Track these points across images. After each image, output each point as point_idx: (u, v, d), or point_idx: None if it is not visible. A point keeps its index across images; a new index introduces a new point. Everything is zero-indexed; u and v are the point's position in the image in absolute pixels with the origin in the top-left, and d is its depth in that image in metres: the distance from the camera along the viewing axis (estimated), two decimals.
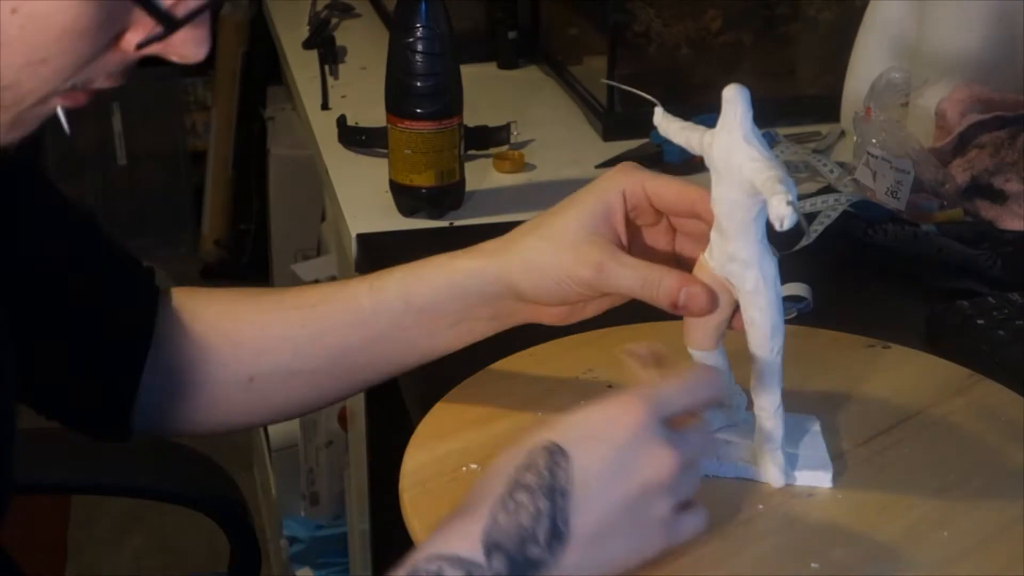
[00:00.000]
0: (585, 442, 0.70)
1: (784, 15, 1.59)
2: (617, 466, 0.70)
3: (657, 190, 0.84)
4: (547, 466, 0.69)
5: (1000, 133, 1.27)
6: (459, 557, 0.67)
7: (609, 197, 0.84)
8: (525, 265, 0.85)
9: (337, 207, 1.42)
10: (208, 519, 1.27)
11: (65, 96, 0.66)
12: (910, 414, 0.90)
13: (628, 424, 0.71)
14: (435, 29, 1.30)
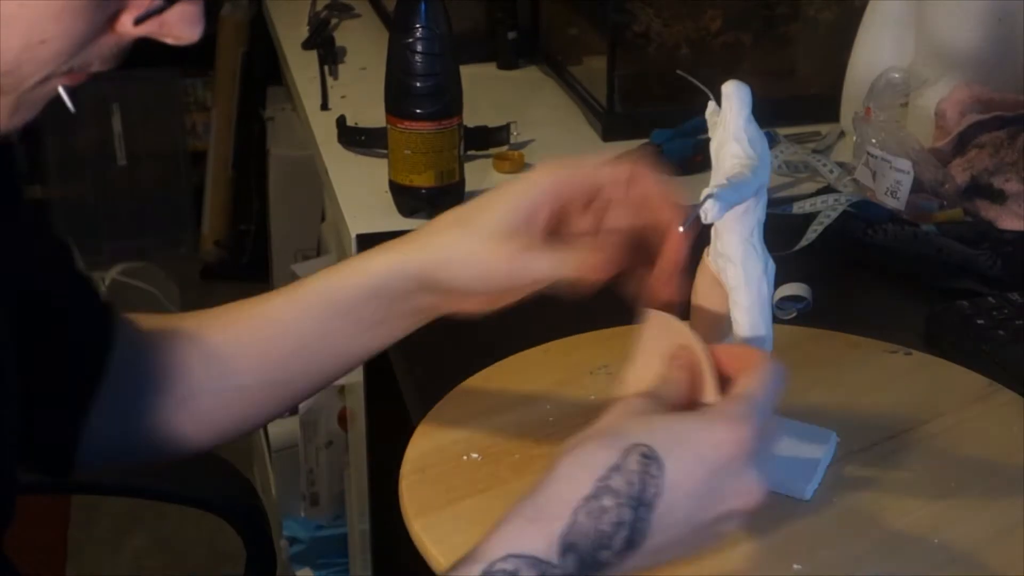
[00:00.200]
0: (682, 456, 0.67)
1: (784, 15, 1.60)
2: (707, 490, 0.68)
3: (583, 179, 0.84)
4: (639, 473, 0.66)
5: (1000, 133, 1.27)
6: (536, 558, 0.65)
7: (532, 192, 0.84)
8: (446, 258, 0.85)
9: (337, 207, 1.42)
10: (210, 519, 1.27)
11: (63, 76, 0.66)
12: (920, 421, 0.89)
13: (731, 452, 0.68)
14: (435, 29, 1.30)
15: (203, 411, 0.92)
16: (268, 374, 0.91)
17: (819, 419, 0.89)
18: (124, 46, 0.67)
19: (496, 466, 0.85)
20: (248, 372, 0.91)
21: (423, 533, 0.79)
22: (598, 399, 0.92)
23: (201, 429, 0.93)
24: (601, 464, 0.67)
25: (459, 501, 0.81)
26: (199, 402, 0.91)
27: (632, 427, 0.69)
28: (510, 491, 0.82)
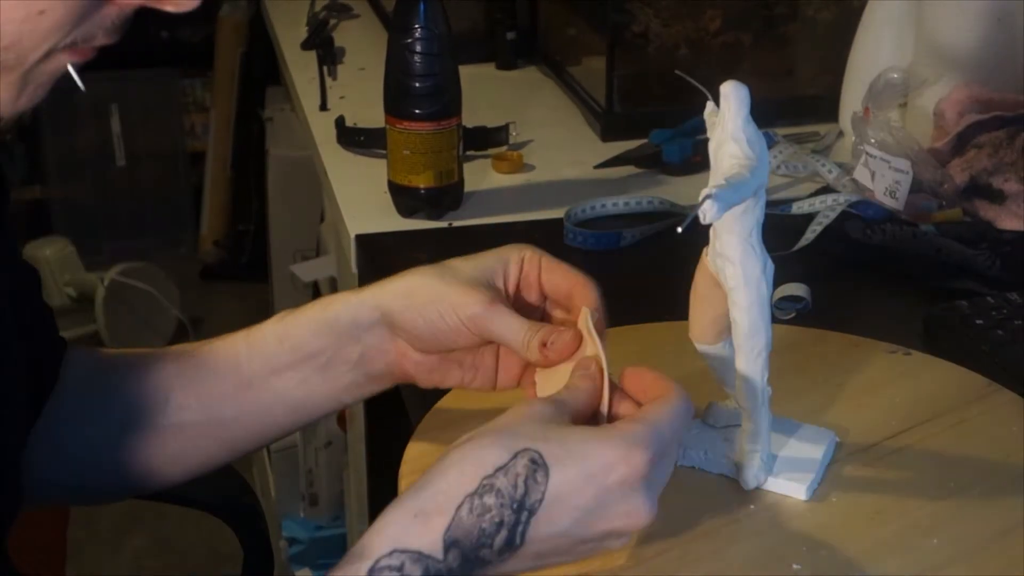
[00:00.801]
0: (571, 469, 0.68)
1: (783, 15, 1.60)
2: (592, 508, 0.68)
3: (551, 265, 0.85)
4: (525, 477, 0.67)
5: (999, 133, 1.27)
6: (421, 553, 0.66)
7: (508, 260, 0.85)
8: (406, 291, 0.84)
9: (336, 208, 1.42)
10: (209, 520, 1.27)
11: (69, 52, 0.65)
12: (921, 420, 0.89)
13: (622, 474, 0.68)
14: (433, 30, 1.30)
15: (138, 448, 0.89)
16: (200, 414, 0.88)
17: (818, 419, 0.89)
18: (126, 16, 0.67)
19: None
20: (177, 410, 0.88)
21: None
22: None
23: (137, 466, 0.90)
24: (490, 462, 0.67)
25: None
26: (134, 439, 0.89)
27: (527, 430, 0.69)
28: None
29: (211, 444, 0.90)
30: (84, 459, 0.90)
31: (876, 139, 1.28)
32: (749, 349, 0.79)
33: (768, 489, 0.82)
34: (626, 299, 1.19)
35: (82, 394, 0.90)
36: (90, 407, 0.89)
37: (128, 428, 0.89)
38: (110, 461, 0.90)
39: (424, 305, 0.83)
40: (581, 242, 1.27)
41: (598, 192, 1.39)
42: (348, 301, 0.86)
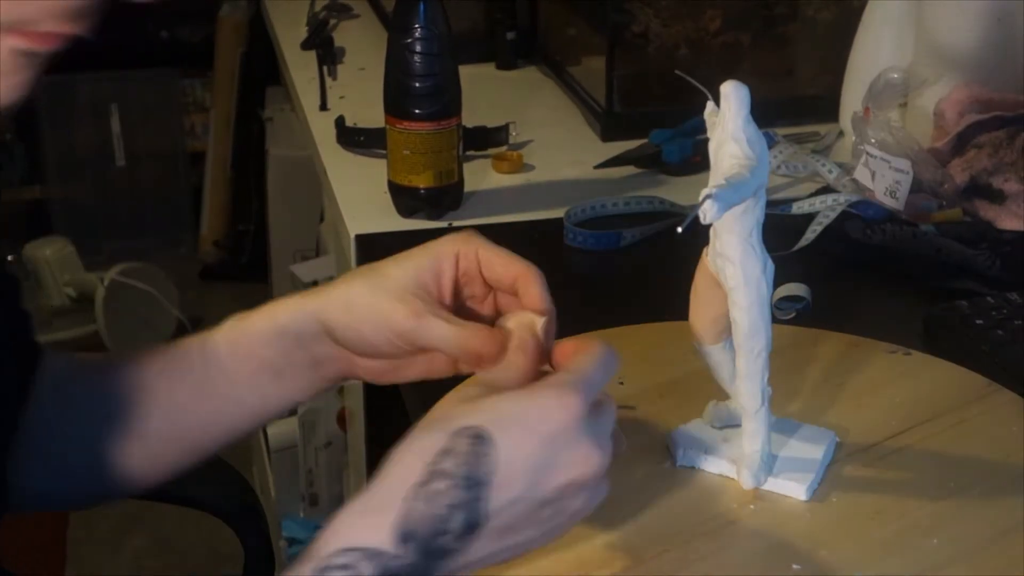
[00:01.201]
0: (511, 430, 0.67)
1: (783, 15, 1.60)
2: (542, 461, 0.67)
3: (488, 258, 0.83)
4: (469, 453, 0.66)
5: (999, 133, 1.27)
6: (373, 549, 0.65)
7: (442, 258, 0.83)
8: (344, 305, 0.83)
9: (336, 208, 1.42)
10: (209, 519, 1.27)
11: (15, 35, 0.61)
12: (921, 421, 0.89)
13: (560, 419, 0.68)
14: (433, 29, 1.30)
15: (110, 454, 0.88)
16: (163, 421, 0.88)
17: (818, 419, 0.89)
18: (81, 4, 0.63)
19: None
20: (141, 418, 0.88)
21: None
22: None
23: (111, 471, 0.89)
24: (430, 449, 0.67)
25: None
26: (105, 445, 0.88)
27: (460, 411, 0.69)
28: None
29: (177, 449, 0.90)
30: (58, 466, 0.90)
31: (876, 139, 1.28)
32: (749, 349, 0.79)
33: (768, 489, 0.82)
34: (626, 299, 1.20)
35: (55, 401, 0.89)
36: (62, 414, 0.89)
37: (99, 435, 0.88)
38: (84, 466, 0.89)
39: (360, 321, 0.82)
40: (581, 242, 1.27)
41: (598, 192, 1.39)
42: (294, 312, 0.85)
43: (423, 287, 0.82)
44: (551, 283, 1.22)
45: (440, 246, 0.84)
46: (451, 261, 0.83)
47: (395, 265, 0.84)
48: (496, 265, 0.83)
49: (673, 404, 0.91)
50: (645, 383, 0.94)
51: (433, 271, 0.83)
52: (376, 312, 0.81)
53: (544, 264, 1.26)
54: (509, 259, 0.83)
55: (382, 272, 0.83)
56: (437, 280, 0.83)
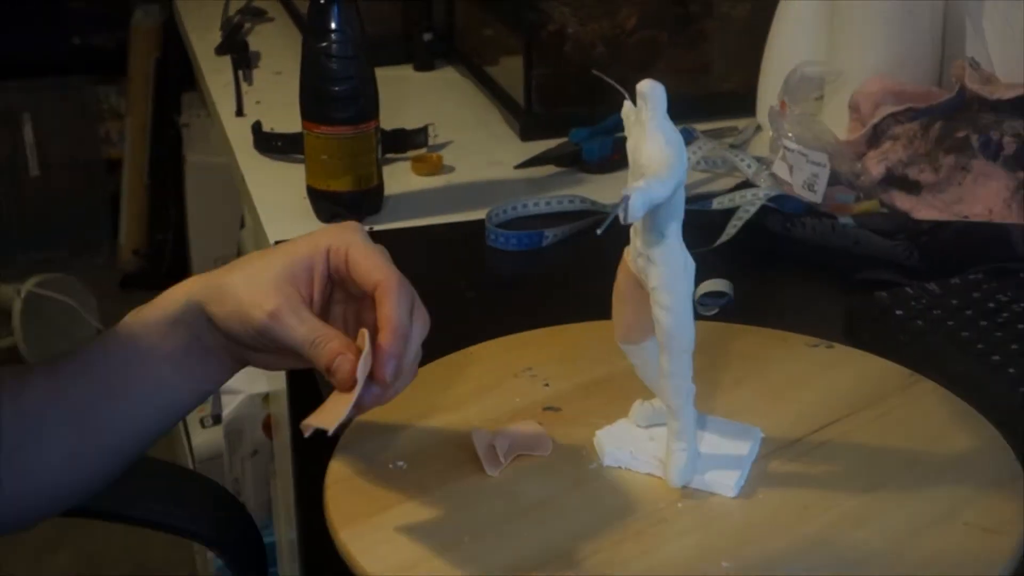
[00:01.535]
0: None
1: (697, 12, 1.60)
2: None
3: (354, 257, 0.81)
4: None
5: (912, 124, 1.28)
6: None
7: (315, 252, 0.82)
8: (221, 294, 0.82)
9: (255, 214, 1.40)
10: (135, 535, 1.25)
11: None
12: (845, 413, 0.90)
13: None
14: (348, 32, 1.28)
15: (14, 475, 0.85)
16: (77, 426, 0.86)
17: (743, 415, 0.89)
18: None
19: (422, 473, 0.84)
20: (55, 425, 0.86)
21: (349, 543, 0.78)
22: (522, 402, 0.91)
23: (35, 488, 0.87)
24: None
25: (386, 510, 0.81)
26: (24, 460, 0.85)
27: None
28: (436, 499, 0.82)
29: (97, 454, 0.88)
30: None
31: (793, 133, 1.29)
32: (673, 347, 0.79)
33: (695, 487, 0.82)
34: (550, 299, 1.19)
35: None
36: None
37: (12, 450, 0.85)
38: (2, 488, 0.86)
39: (229, 314, 0.82)
40: (503, 243, 1.27)
41: (519, 192, 1.38)
42: (183, 303, 0.84)
43: (293, 281, 0.81)
44: (474, 285, 1.23)
45: (317, 238, 0.83)
46: (324, 255, 0.82)
47: (275, 254, 0.83)
48: (360, 268, 0.81)
49: (599, 404, 0.91)
50: (570, 384, 0.94)
51: (306, 265, 0.82)
52: (239, 305, 0.81)
53: (466, 266, 1.26)
54: (374, 264, 0.81)
55: (260, 262, 0.82)
56: (309, 274, 0.82)
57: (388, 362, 0.78)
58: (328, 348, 0.78)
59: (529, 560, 0.76)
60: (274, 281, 0.81)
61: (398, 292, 0.80)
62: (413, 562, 0.76)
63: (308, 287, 0.82)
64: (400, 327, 0.79)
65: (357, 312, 0.85)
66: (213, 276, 0.84)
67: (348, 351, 0.78)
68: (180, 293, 0.85)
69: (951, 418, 0.89)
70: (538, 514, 0.80)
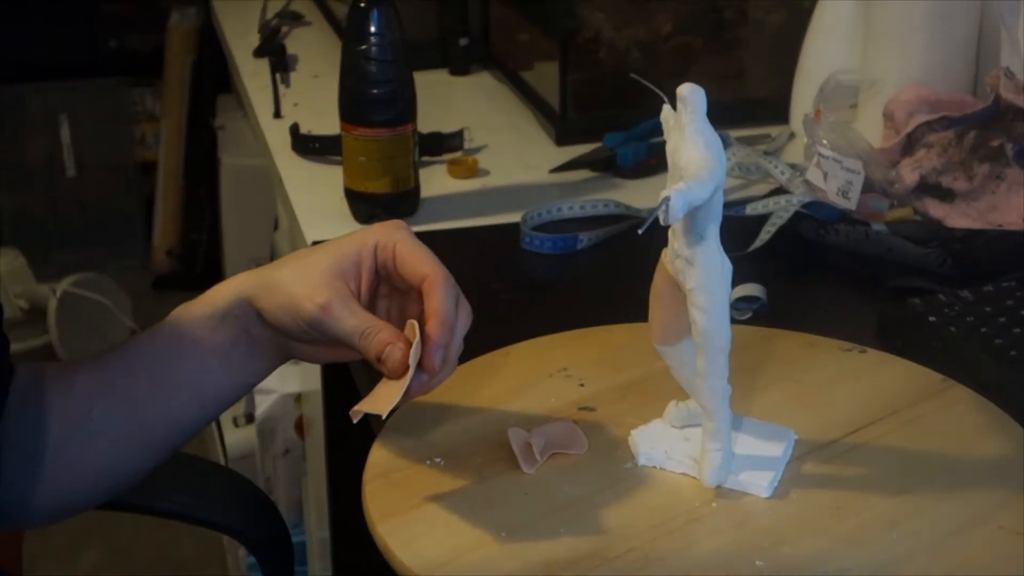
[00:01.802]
0: None
1: (732, 19, 1.61)
2: None
3: (402, 253, 0.84)
4: None
5: (947, 133, 1.29)
6: None
7: (363, 248, 0.85)
8: (271, 289, 0.85)
9: (292, 215, 1.42)
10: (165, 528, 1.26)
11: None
12: (878, 417, 0.90)
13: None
14: (388, 36, 1.30)
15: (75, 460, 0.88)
16: (124, 417, 0.88)
17: (777, 417, 0.90)
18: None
19: (459, 470, 0.85)
20: (103, 416, 0.88)
21: (388, 537, 0.79)
22: (558, 402, 0.93)
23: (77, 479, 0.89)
24: None
25: (423, 505, 0.82)
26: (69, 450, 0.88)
27: None
28: (473, 495, 0.83)
29: (140, 446, 0.90)
30: (22, 480, 0.88)
31: (828, 140, 1.30)
32: (708, 349, 0.80)
33: (730, 487, 0.83)
34: (585, 302, 1.20)
35: (18, 414, 0.89)
36: (25, 424, 0.88)
37: (62, 441, 0.88)
38: (50, 478, 0.88)
39: (279, 307, 0.84)
40: (538, 246, 1.28)
41: (554, 196, 1.39)
42: (231, 297, 0.87)
43: (342, 276, 0.84)
44: (509, 287, 1.24)
45: (364, 235, 0.86)
46: (370, 254, 0.85)
47: (323, 251, 0.85)
48: (408, 263, 0.84)
49: (634, 405, 0.92)
50: (606, 384, 0.95)
51: (354, 260, 0.84)
52: (291, 298, 0.83)
53: (501, 268, 1.27)
54: (421, 259, 0.84)
55: (309, 258, 0.85)
56: (357, 270, 0.85)
57: (436, 351, 0.81)
58: (379, 338, 0.81)
59: (564, 556, 0.77)
60: (324, 275, 0.83)
61: (445, 285, 0.82)
62: (450, 557, 0.77)
63: (356, 281, 0.85)
64: (448, 318, 0.82)
65: (401, 306, 0.88)
66: (263, 272, 0.87)
67: (398, 341, 0.81)
68: (229, 289, 0.87)
69: (984, 423, 0.90)
70: (573, 512, 0.81)
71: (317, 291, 0.83)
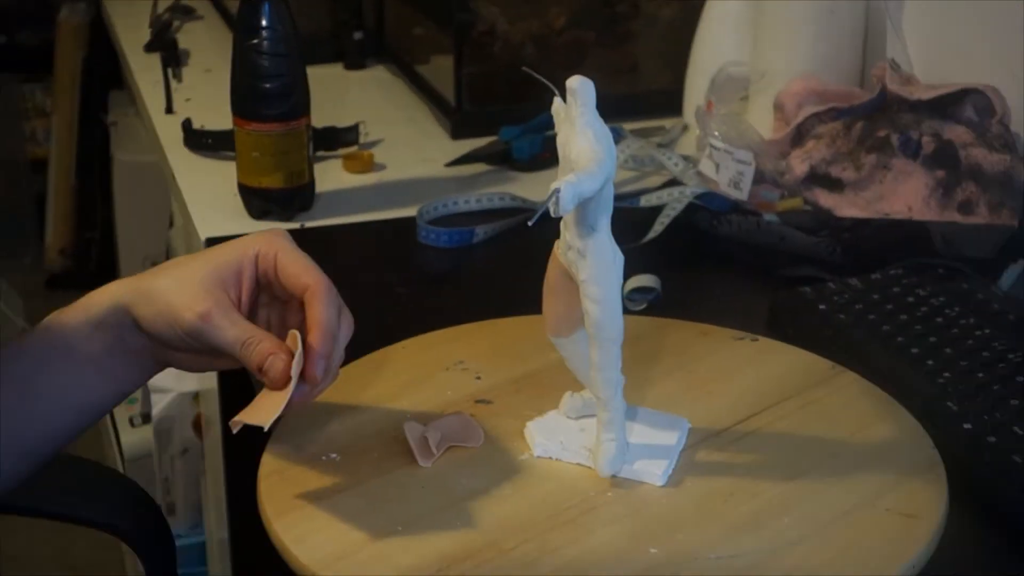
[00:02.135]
0: None
1: (625, 13, 1.62)
2: None
3: (283, 262, 0.84)
4: None
5: (835, 124, 1.31)
6: None
7: (244, 257, 0.84)
8: (148, 297, 0.83)
9: (185, 211, 1.40)
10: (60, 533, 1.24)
11: None
12: (770, 404, 0.92)
13: None
14: (279, 30, 1.29)
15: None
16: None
17: (671, 406, 0.91)
18: None
19: (355, 465, 0.85)
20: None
21: (283, 534, 0.79)
22: (454, 395, 0.93)
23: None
24: None
25: (319, 501, 0.81)
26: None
27: None
28: (370, 489, 0.83)
29: (13, 455, 0.86)
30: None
31: (719, 132, 1.31)
32: (602, 340, 0.81)
33: (624, 476, 0.84)
34: (480, 295, 1.21)
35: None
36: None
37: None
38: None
39: (157, 315, 0.83)
40: (434, 240, 1.28)
41: (449, 190, 1.40)
42: (107, 305, 0.85)
43: (222, 285, 0.83)
44: (405, 280, 1.23)
45: (245, 244, 0.85)
46: (252, 260, 0.84)
47: (202, 259, 0.84)
48: (289, 272, 0.83)
49: (529, 397, 0.92)
50: (501, 377, 0.95)
51: (235, 269, 0.83)
52: (168, 307, 0.82)
53: (397, 262, 1.27)
54: (303, 268, 0.83)
55: (189, 266, 0.84)
56: (238, 278, 0.84)
57: (319, 362, 0.80)
58: (260, 348, 0.80)
59: (460, 549, 0.77)
60: (203, 284, 0.82)
61: (327, 295, 0.82)
62: (347, 552, 0.77)
63: (237, 290, 0.84)
64: (330, 329, 0.81)
65: (282, 315, 0.87)
66: (140, 279, 0.85)
67: (280, 351, 0.80)
68: (105, 296, 0.85)
69: (872, 408, 0.92)
70: (470, 504, 0.81)
71: (197, 300, 0.82)
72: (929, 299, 1.07)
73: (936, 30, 1.38)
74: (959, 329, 1.02)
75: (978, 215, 1.24)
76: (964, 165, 1.24)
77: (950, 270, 1.14)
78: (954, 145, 1.24)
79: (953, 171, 1.24)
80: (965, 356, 0.98)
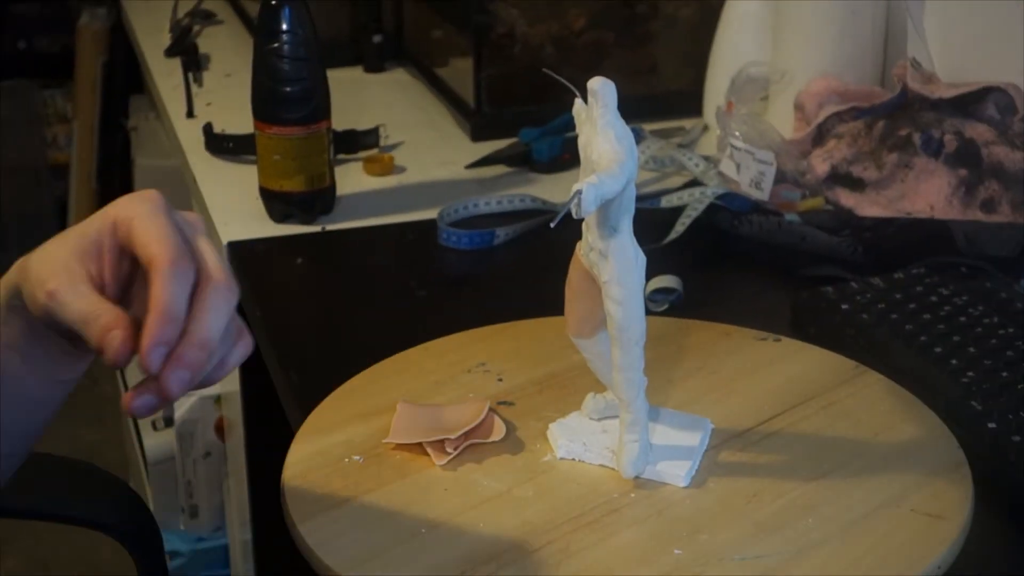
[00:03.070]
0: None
1: (644, 13, 1.62)
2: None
3: (137, 230, 0.71)
4: None
5: (856, 123, 1.31)
6: None
7: (103, 225, 0.73)
8: (25, 274, 0.73)
9: (207, 215, 1.41)
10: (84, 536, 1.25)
11: None
12: (793, 404, 0.91)
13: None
14: (299, 33, 1.29)
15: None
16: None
17: (694, 407, 0.91)
18: None
19: (379, 467, 0.85)
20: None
21: (308, 537, 0.79)
22: (476, 396, 0.93)
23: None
24: None
25: (343, 504, 0.82)
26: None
27: None
28: (393, 492, 0.83)
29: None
30: None
31: (740, 132, 1.31)
32: (624, 341, 0.81)
33: (648, 477, 0.84)
34: (501, 296, 1.21)
35: None
36: None
37: None
38: None
39: (28, 295, 0.73)
40: (455, 242, 1.28)
41: (470, 192, 1.40)
42: (9, 285, 0.75)
43: (82, 258, 0.72)
44: (426, 283, 1.23)
45: (106, 212, 0.73)
46: (111, 230, 0.73)
47: (71, 230, 0.74)
48: (138, 242, 0.71)
49: (552, 398, 0.92)
50: (523, 378, 0.95)
51: (94, 239, 0.73)
52: (30, 285, 0.72)
53: (418, 264, 1.27)
54: (153, 238, 0.70)
55: (60, 239, 0.74)
56: (98, 249, 0.73)
57: (154, 349, 0.67)
58: (100, 323, 0.69)
59: (484, 551, 0.77)
60: (63, 259, 0.72)
61: (170, 271, 0.69)
62: (371, 554, 0.77)
63: (98, 263, 0.73)
64: (169, 311, 0.68)
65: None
66: (29, 255, 0.75)
67: (118, 326, 0.69)
68: (10, 275, 0.76)
69: (896, 408, 0.91)
70: (493, 506, 0.82)
71: (52, 276, 0.71)
72: (952, 298, 1.07)
73: (957, 29, 1.37)
74: (982, 328, 1.02)
75: (1000, 213, 1.23)
76: (986, 163, 1.23)
77: (973, 269, 1.14)
78: (976, 143, 1.24)
79: (975, 169, 1.24)
80: (989, 355, 0.98)
